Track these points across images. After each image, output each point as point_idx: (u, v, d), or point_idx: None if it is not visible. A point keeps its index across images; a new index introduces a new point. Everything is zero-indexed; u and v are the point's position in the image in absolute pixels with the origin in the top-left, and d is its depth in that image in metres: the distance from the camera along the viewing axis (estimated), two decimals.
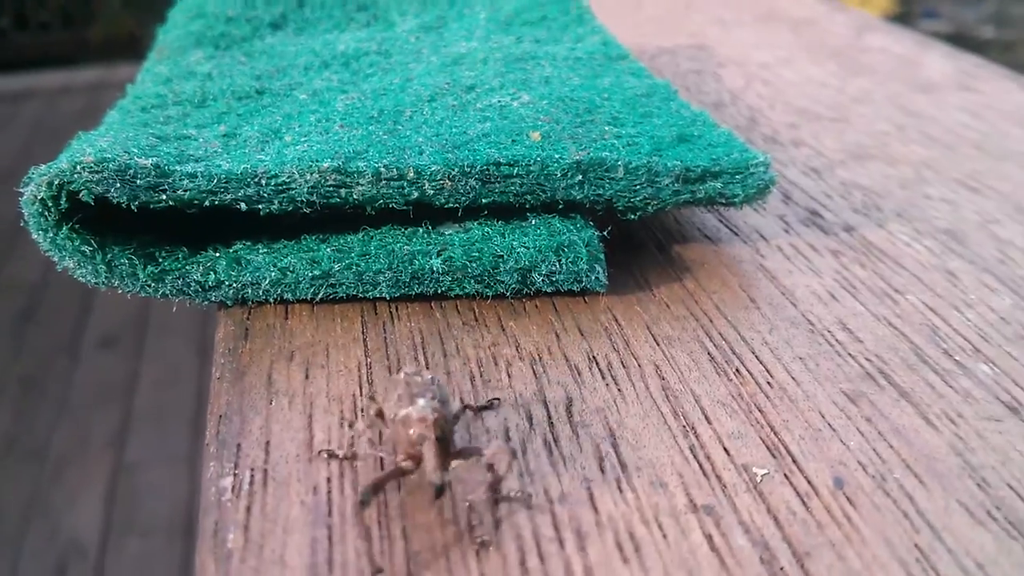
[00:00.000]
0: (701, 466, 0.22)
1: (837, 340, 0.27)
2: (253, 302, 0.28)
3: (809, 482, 0.22)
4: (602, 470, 0.22)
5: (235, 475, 0.21)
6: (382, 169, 0.27)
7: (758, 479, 0.22)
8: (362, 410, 0.24)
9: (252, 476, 0.21)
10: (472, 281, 0.28)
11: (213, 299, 0.28)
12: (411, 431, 0.20)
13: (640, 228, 0.34)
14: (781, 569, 0.19)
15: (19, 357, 1.44)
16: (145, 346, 1.47)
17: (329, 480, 0.21)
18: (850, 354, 0.26)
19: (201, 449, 0.22)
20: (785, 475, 0.22)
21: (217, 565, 0.19)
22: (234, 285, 0.28)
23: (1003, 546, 0.20)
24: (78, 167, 0.25)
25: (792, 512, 0.21)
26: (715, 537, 0.20)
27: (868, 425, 0.24)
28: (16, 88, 2.49)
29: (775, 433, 0.23)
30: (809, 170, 0.39)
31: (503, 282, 0.28)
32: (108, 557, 1.15)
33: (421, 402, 0.21)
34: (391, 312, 0.28)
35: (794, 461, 0.22)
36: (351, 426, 0.23)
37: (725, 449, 0.23)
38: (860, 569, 0.20)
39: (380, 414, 0.22)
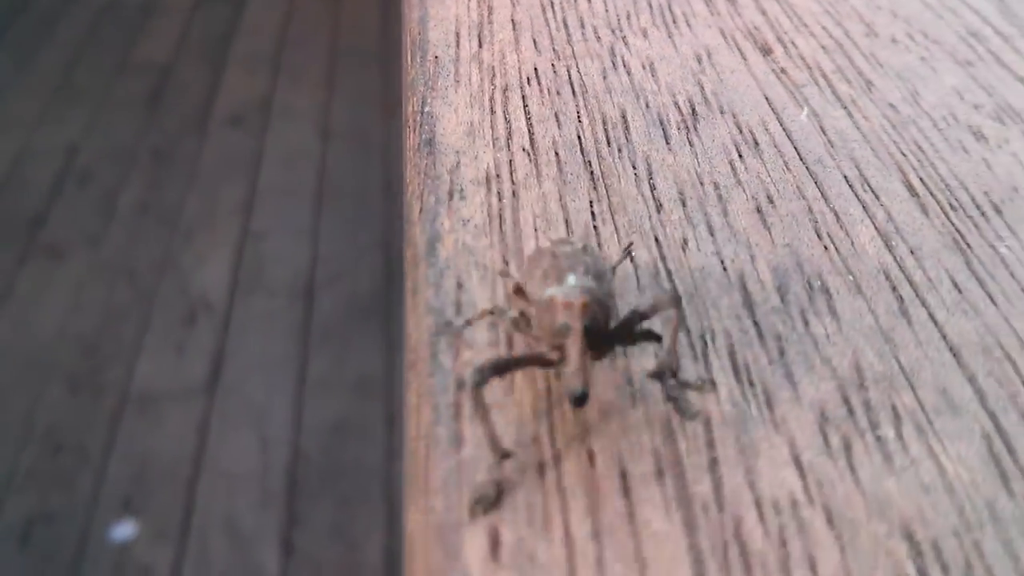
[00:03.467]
0: None
1: None
2: None
3: None
4: None
5: None
6: None
7: None
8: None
9: None
10: None
11: None
12: (556, 318, 0.19)
13: None
14: None
15: (150, 132, 1.77)
16: (270, 126, 1.78)
17: None
18: None
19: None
20: None
21: None
22: None
23: None
24: None
25: None
26: None
27: None
28: None
29: None
30: None
31: None
32: (234, 312, 1.46)
33: (571, 279, 0.20)
34: None
35: None
36: (495, 312, 0.22)
37: None
38: None
39: (520, 291, 0.21)
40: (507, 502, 0.18)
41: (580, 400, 0.18)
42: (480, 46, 0.32)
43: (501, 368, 0.19)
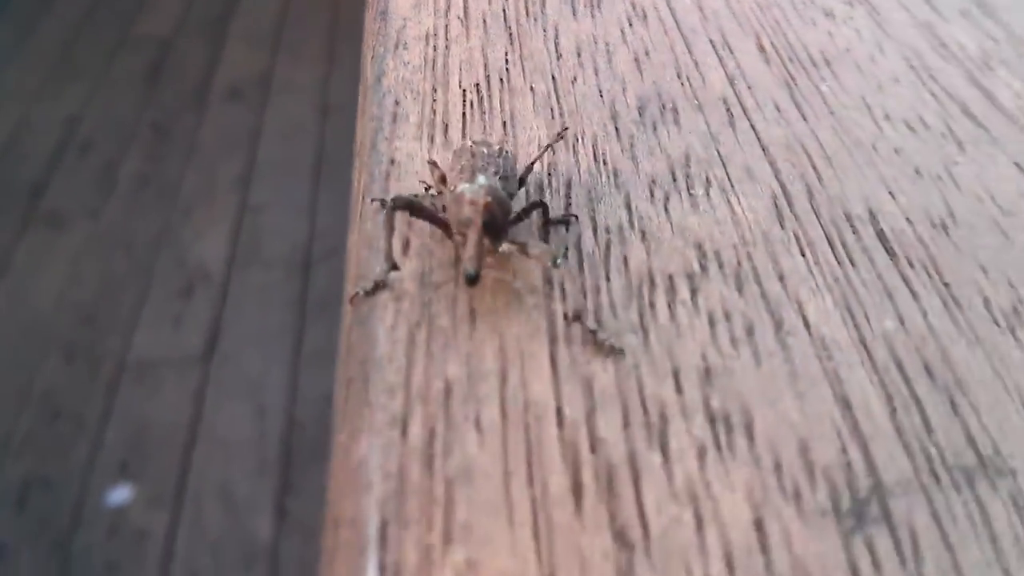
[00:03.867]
0: None
1: None
2: None
3: None
4: None
5: None
6: None
7: None
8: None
9: None
10: None
11: None
12: (463, 211, 0.25)
13: None
14: None
15: (149, 106, 1.87)
16: (269, 101, 1.88)
17: None
18: None
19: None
20: None
21: None
22: None
23: None
24: None
25: None
26: None
27: None
28: None
29: None
30: None
31: None
32: (232, 283, 1.55)
33: (480, 179, 0.26)
34: None
35: None
36: (426, 190, 0.28)
37: None
38: None
39: (443, 180, 0.27)
40: (414, 224, 0.27)
41: (472, 280, 0.24)
42: None
43: (414, 210, 0.26)
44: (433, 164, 0.28)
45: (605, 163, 0.30)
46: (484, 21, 0.36)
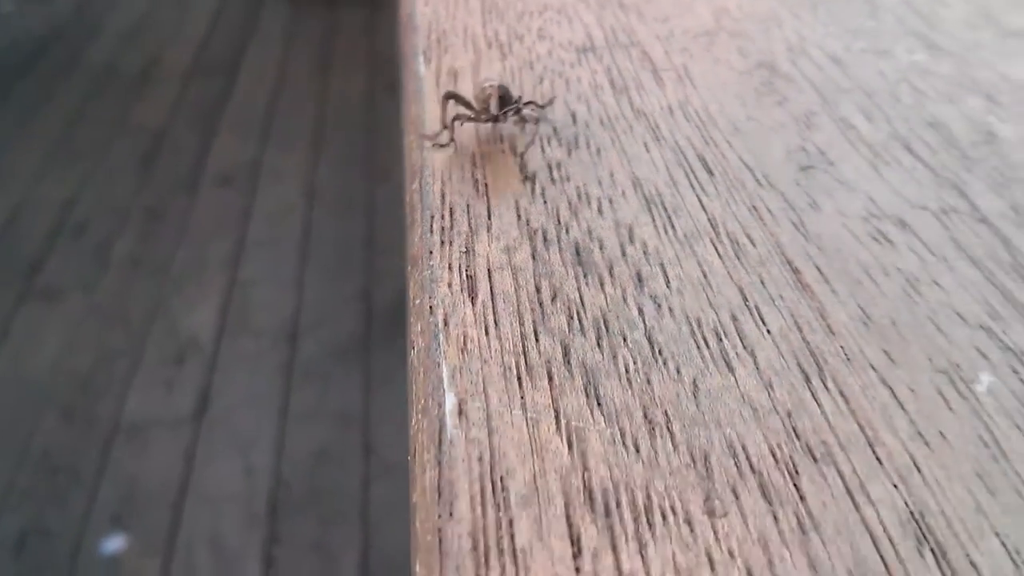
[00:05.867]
0: None
1: None
2: None
3: None
4: None
5: None
6: None
7: None
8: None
9: None
10: None
11: None
12: (485, 91, 0.42)
13: None
14: None
15: (143, 191, 2.09)
16: (258, 186, 2.09)
17: None
18: None
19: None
20: None
21: None
22: None
23: None
24: None
25: None
26: None
27: None
28: None
29: None
30: None
31: None
32: (222, 351, 1.72)
33: (492, 80, 0.42)
34: None
35: None
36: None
37: None
38: None
39: (468, 105, 0.43)
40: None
41: (494, 120, 0.41)
42: None
43: (460, 100, 0.43)
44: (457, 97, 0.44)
45: None
46: None
